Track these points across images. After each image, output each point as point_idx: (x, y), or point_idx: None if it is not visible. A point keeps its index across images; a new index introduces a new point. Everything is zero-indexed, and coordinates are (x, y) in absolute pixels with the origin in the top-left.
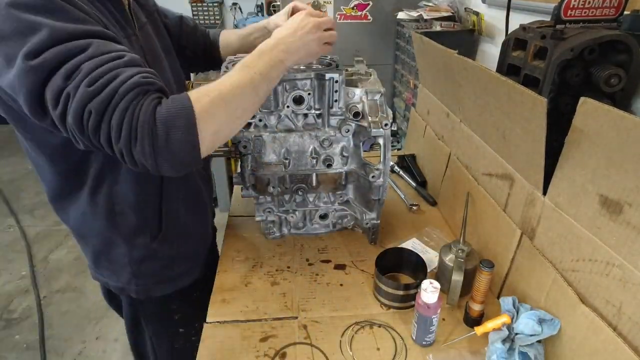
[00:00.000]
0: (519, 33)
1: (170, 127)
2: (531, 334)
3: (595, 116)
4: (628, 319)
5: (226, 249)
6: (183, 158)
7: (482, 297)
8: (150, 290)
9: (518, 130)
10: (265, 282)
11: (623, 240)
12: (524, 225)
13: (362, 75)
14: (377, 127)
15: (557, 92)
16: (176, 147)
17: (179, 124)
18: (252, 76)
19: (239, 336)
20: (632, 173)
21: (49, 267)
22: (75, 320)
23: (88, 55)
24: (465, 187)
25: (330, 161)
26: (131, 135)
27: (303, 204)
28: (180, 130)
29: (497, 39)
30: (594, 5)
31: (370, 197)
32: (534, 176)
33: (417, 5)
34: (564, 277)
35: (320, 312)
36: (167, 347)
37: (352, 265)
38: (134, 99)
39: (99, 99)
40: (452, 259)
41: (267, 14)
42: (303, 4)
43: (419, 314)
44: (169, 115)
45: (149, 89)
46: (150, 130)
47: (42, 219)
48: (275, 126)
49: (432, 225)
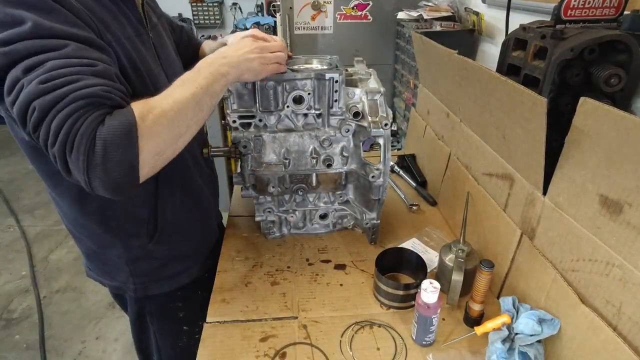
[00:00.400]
0: (519, 33)
1: (109, 145)
2: (531, 334)
3: (595, 116)
4: (628, 319)
5: (226, 249)
6: (118, 179)
7: (482, 297)
8: (148, 289)
9: (518, 130)
10: (265, 282)
11: (623, 240)
12: (524, 225)
13: (362, 75)
14: (377, 127)
15: (557, 92)
16: (112, 165)
17: (120, 142)
18: (194, 91)
19: (239, 336)
20: (632, 173)
21: (49, 267)
22: (75, 320)
23: (59, 54)
24: (465, 187)
25: (330, 161)
26: (67, 145)
27: (303, 204)
28: (120, 149)
29: (497, 39)
30: (594, 5)
31: (370, 197)
32: (534, 176)
33: (417, 5)
34: (564, 277)
35: (320, 312)
36: (171, 345)
37: (352, 265)
38: (81, 108)
39: (47, 97)
40: (452, 259)
41: (267, 14)
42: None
43: (419, 314)
44: (111, 133)
45: (105, 103)
46: (87, 144)
47: (42, 219)
48: (275, 126)
49: (432, 225)
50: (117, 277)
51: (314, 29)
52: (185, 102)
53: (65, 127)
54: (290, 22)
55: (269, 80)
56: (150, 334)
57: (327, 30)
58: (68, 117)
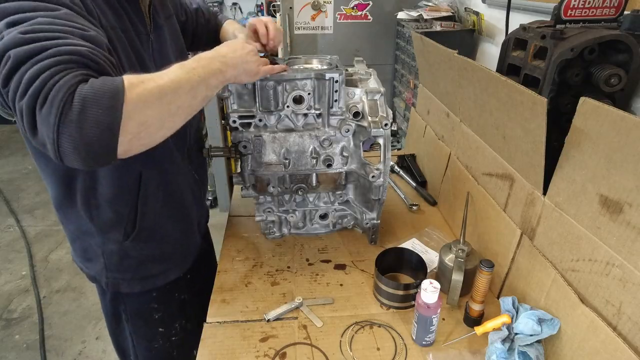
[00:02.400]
0: (519, 33)
1: (89, 103)
2: (531, 334)
3: (595, 116)
4: (628, 319)
5: (226, 249)
6: (93, 142)
7: (482, 297)
8: (120, 286)
9: (518, 130)
10: (265, 282)
11: (623, 240)
12: (524, 225)
13: (362, 75)
14: (377, 127)
15: (557, 92)
16: (89, 125)
17: (102, 102)
18: (190, 76)
19: (239, 336)
20: (632, 173)
21: (49, 267)
22: (75, 320)
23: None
24: (465, 187)
25: (330, 161)
26: (39, 96)
27: (303, 204)
28: (100, 109)
29: (497, 39)
30: (594, 5)
31: (370, 197)
32: (534, 176)
33: (417, 5)
34: (564, 277)
35: (320, 312)
36: (147, 346)
37: (352, 265)
38: (62, 64)
39: (25, 47)
40: (452, 259)
41: (267, 13)
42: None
43: (419, 314)
44: (93, 91)
45: (89, 64)
46: (63, 97)
47: (42, 219)
48: (275, 126)
49: (432, 225)
50: (94, 266)
51: (314, 29)
52: (181, 82)
53: (40, 78)
54: (290, 22)
55: (269, 80)
56: (127, 334)
57: (327, 30)
58: (46, 69)
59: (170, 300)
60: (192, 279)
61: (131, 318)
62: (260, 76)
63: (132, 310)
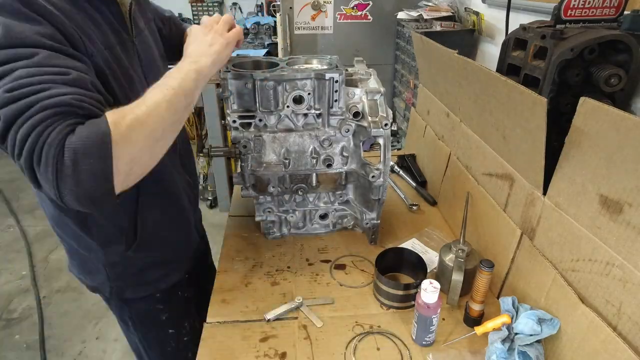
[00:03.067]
0: (519, 33)
1: (80, 156)
2: (531, 334)
3: (595, 116)
4: (628, 318)
5: (226, 249)
6: (91, 190)
7: (482, 297)
8: (124, 292)
9: (518, 130)
10: (265, 282)
11: (623, 240)
12: (524, 225)
13: (362, 75)
14: (377, 127)
15: (557, 92)
16: (85, 177)
17: (91, 152)
18: (164, 93)
19: (239, 336)
20: (632, 173)
21: (49, 267)
22: (75, 320)
23: (30, 63)
24: (465, 187)
25: (330, 161)
26: (34, 156)
27: (303, 204)
28: (92, 159)
29: (497, 39)
30: (594, 5)
31: (370, 197)
32: (534, 176)
33: (417, 5)
34: (563, 277)
35: (320, 312)
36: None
37: (352, 265)
38: (49, 118)
39: (13, 106)
40: (452, 259)
41: (267, 13)
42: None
43: (419, 314)
44: (81, 142)
45: (76, 112)
46: (55, 154)
47: (42, 219)
48: (275, 126)
49: (432, 225)
50: (95, 277)
51: (314, 29)
52: (159, 105)
53: (31, 137)
54: (290, 22)
55: (269, 80)
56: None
57: (327, 30)
58: (34, 127)
59: (174, 299)
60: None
61: (139, 323)
62: (233, 44)
63: (139, 314)
